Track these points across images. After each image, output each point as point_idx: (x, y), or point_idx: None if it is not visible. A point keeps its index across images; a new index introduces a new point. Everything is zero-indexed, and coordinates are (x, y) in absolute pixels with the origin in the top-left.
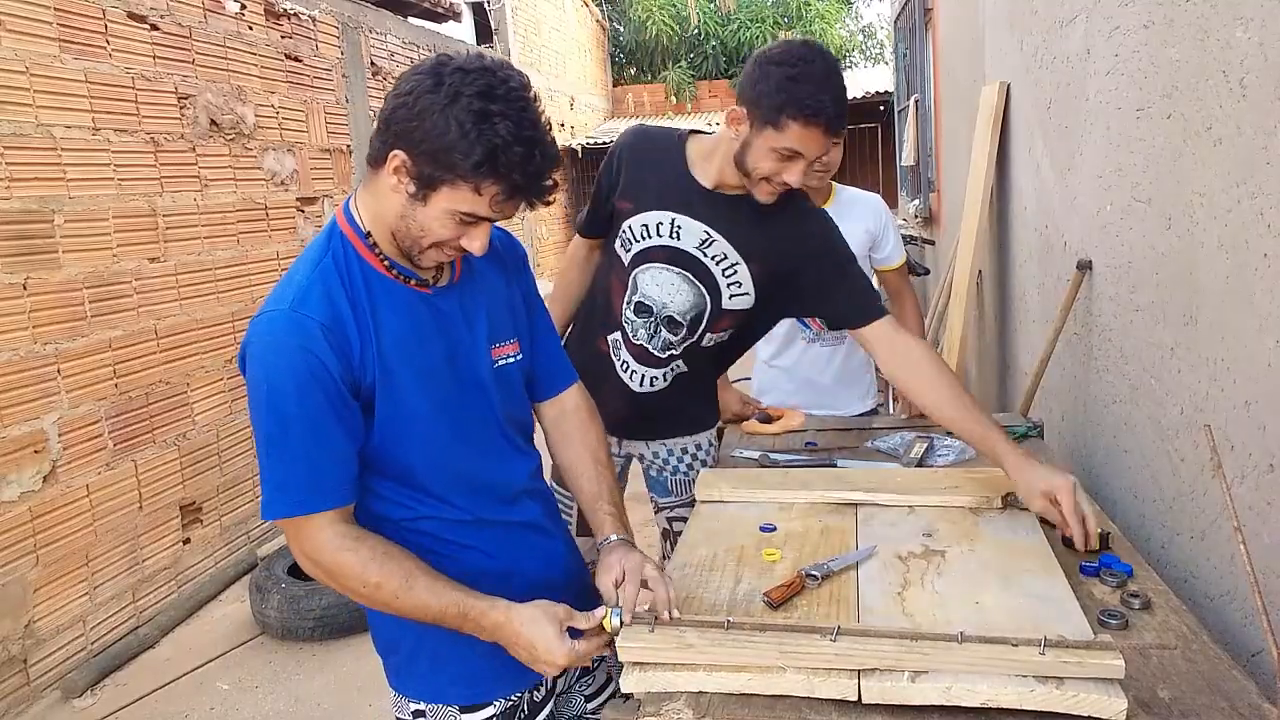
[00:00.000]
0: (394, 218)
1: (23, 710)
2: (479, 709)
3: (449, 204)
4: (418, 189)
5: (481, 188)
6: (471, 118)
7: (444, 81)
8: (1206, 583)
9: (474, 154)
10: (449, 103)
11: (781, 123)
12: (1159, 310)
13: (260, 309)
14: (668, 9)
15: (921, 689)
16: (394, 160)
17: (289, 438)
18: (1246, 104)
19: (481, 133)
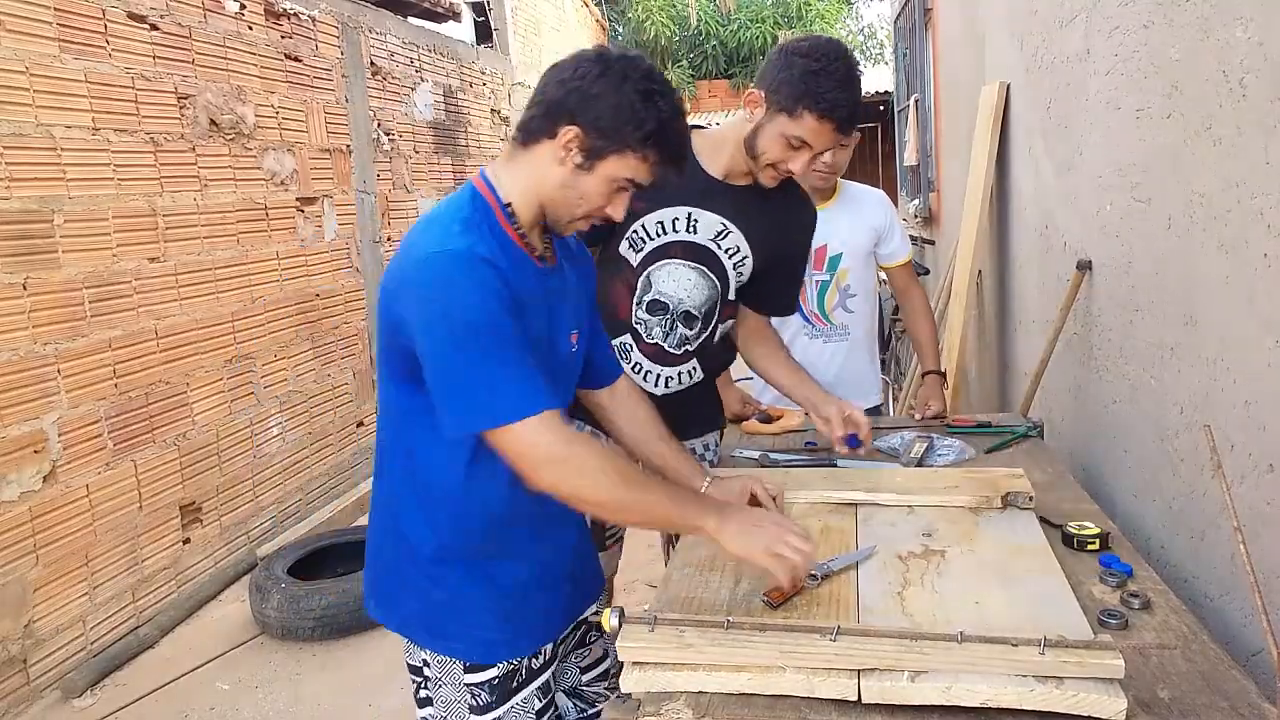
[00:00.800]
0: (552, 188)
1: (23, 710)
2: (483, 669)
3: (613, 171)
4: (585, 159)
5: (647, 154)
6: (640, 96)
7: (611, 66)
8: (1206, 583)
9: (646, 125)
10: (620, 82)
11: (798, 112)
12: (1159, 310)
13: (424, 245)
14: (667, 9)
15: (921, 689)
16: (566, 134)
17: (505, 349)
18: (1246, 104)
19: (649, 109)
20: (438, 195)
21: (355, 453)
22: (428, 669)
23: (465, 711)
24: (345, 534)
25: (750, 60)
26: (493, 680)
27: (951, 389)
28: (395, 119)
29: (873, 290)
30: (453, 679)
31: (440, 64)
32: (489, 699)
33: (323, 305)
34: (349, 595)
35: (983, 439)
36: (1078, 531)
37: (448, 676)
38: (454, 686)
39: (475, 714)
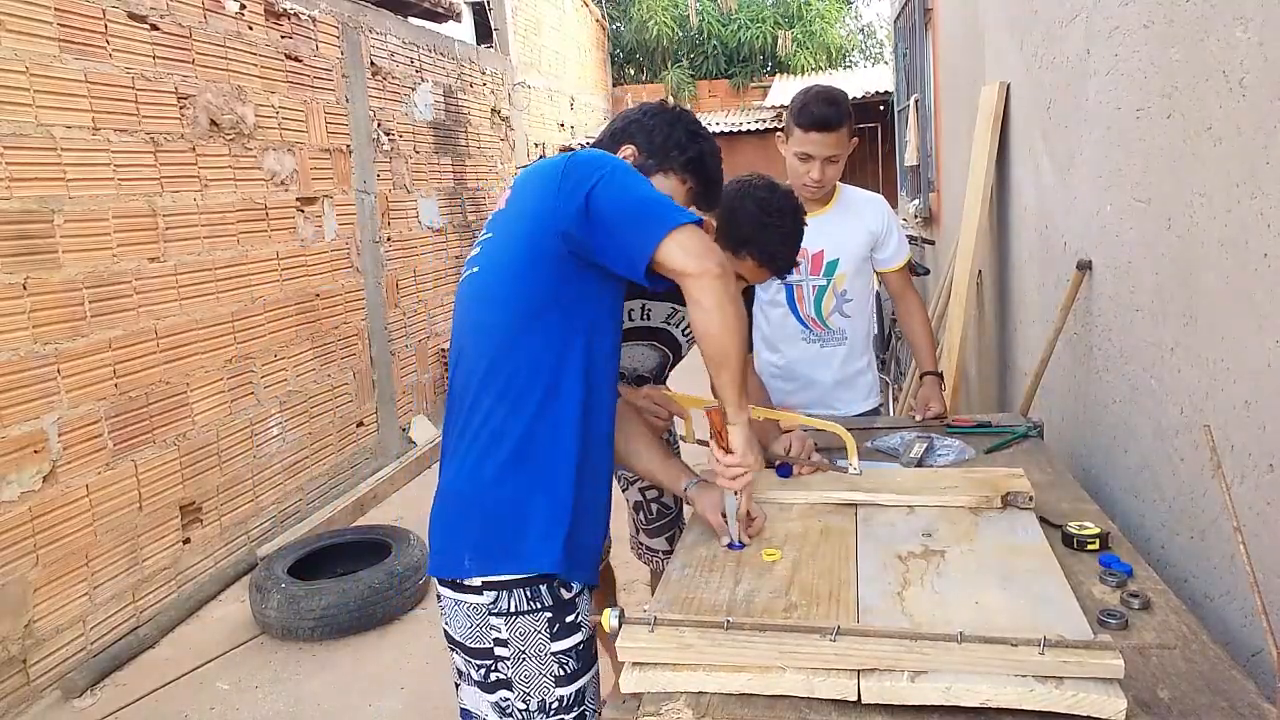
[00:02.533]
0: None
1: (23, 710)
2: (569, 635)
3: (658, 187)
4: (641, 172)
5: (686, 179)
6: (686, 133)
7: (666, 110)
8: (1206, 583)
9: (689, 152)
10: (674, 121)
11: (742, 254)
12: (1159, 310)
13: (557, 158)
14: (669, 9)
15: (921, 689)
16: (625, 151)
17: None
18: (1246, 104)
19: (693, 142)
20: (438, 195)
21: (355, 453)
22: (502, 648)
23: (551, 684)
24: (345, 534)
25: (750, 60)
26: (579, 646)
27: (951, 389)
28: (395, 119)
29: (870, 294)
30: (538, 651)
31: (440, 64)
32: (575, 666)
33: (323, 305)
34: (349, 595)
35: (983, 439)
36: (1078, 531)
37: (532, 648)
38: (539, 659)
39: (561, 685)
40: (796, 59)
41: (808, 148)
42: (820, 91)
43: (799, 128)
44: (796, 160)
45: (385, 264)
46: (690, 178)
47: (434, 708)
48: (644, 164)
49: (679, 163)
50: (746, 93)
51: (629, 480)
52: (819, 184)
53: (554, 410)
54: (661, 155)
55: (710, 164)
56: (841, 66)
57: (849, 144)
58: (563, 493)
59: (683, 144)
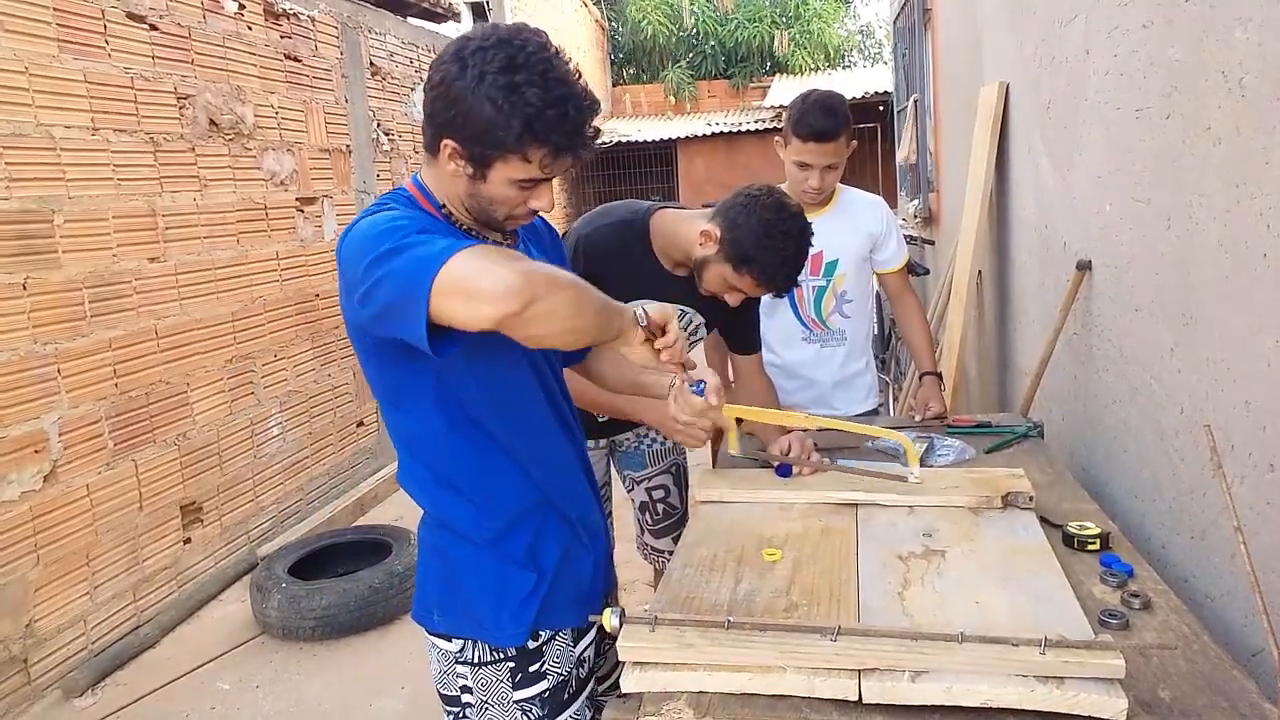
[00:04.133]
0: (464, 196)
1: (23, 710)
2: (533, 684)
3: (505, 174)
4: (474, 169)
5: (529, 154)
6: (501, 93)
7: (468, 65)
8: (1206, 583)
9: (513, 126)
10: (476, 84)
11: (742, 271)
12: (1159, 310)
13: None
14: (663, 9)
15: (921, 689)
16: (445, 149)
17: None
18: (1246, 104)
19: (514, 105)
20: None
21: (355, 453)
22: (468, 695)
23: None
24: (345, 534)
25: (749, 60)
26: (543, 693)
27: (951, 389)
28: (395, 119)
29: (869, 295)
30: (501, 700)
31: None
32: (540, 713)
33: (323, 305)
34: (349, 595)
35: (983, 439)
36: (1078, 531)
37: (495, 697)
38: (503, 708)
39: None
40: (795, 59)
41: (806, 157)
42: (818, 100)
43: (797, 138)
44: (795, 168)
45: None
46: (534, 149)
47: (434, 708)
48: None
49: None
50: (746, 93)
51: (635, 480)
52: (818, 191)
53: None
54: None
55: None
56: (840, 66)
57: (847, 149)
58: (543, 566)
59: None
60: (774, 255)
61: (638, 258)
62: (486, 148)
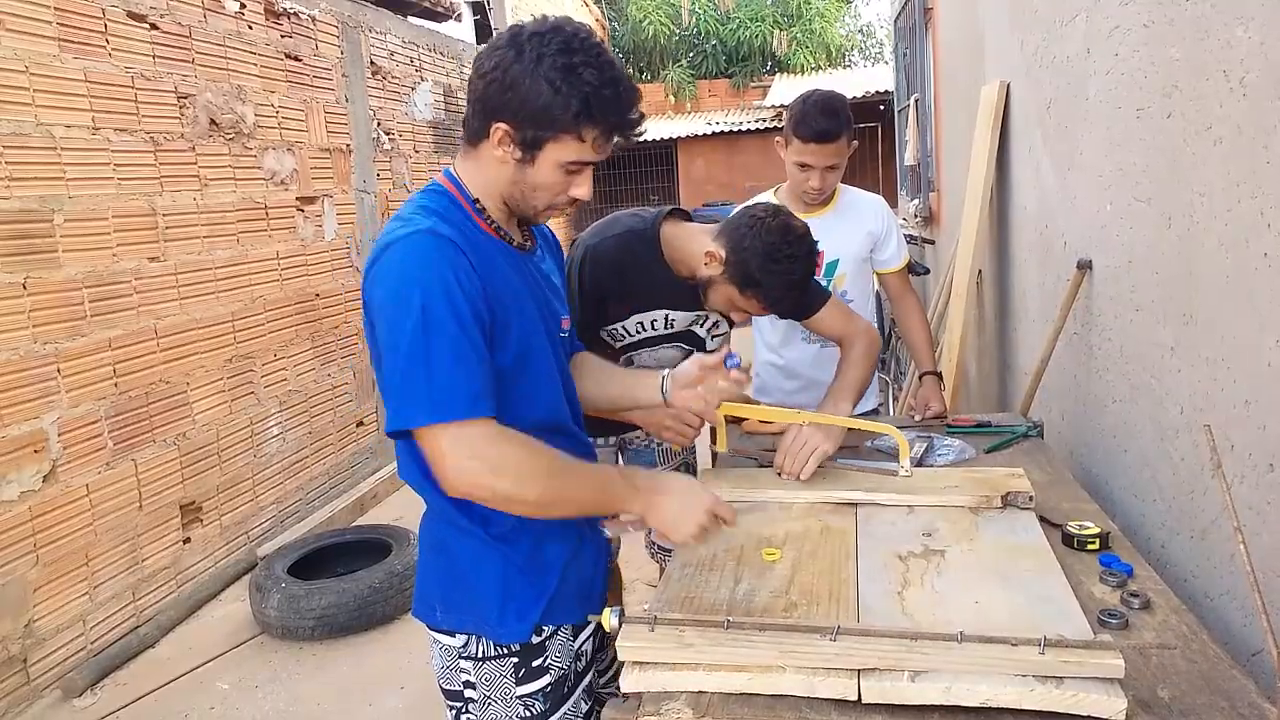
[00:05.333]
0: (505, 184)
1: (23, 709)
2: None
3: (556, 157)
4: (524, 153)
5: (583, 133)
6: (559, 74)
7: (524, 49)
8: (1206, 582)
9: (571, 105)
10: (535, 66)
11: (747, 294)
12: (1159, 310)
13: (386, 236)
14: (664, 8)
15: (921, 689)
16: (497, 133)
17: (444, 349)
18: (1246, 103)
19: (572, 85)
20: None
21: (355, 453)
22: (471, 690)
23: None
24: (345, 534)
25: (749, 59)
26: (545, 688)
27: (951, 389)
28: (395, 118)
29: (870, 294)
30: (504, 695)
31: (440, 63)
32: (543, 708)
33: (323, 305)
34: (349, 595)
35: (983, 439)
36: (1078, 531)
37: (498, 692)
38: (505, 702)
39: None
40: (796, 58)
41: (807, 158)
42: (819, 100)
43: (798, 139)
44: (796, 168)
45: None
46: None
47: (434, 707)
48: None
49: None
50: (746, 92)
51: None
52: (819, 191)
53: None
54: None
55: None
56: (841, 66)
57: (848, 150)
58: (548, 564)
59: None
60: (780, 278)
61: (648, 266)
62: (541, 128)
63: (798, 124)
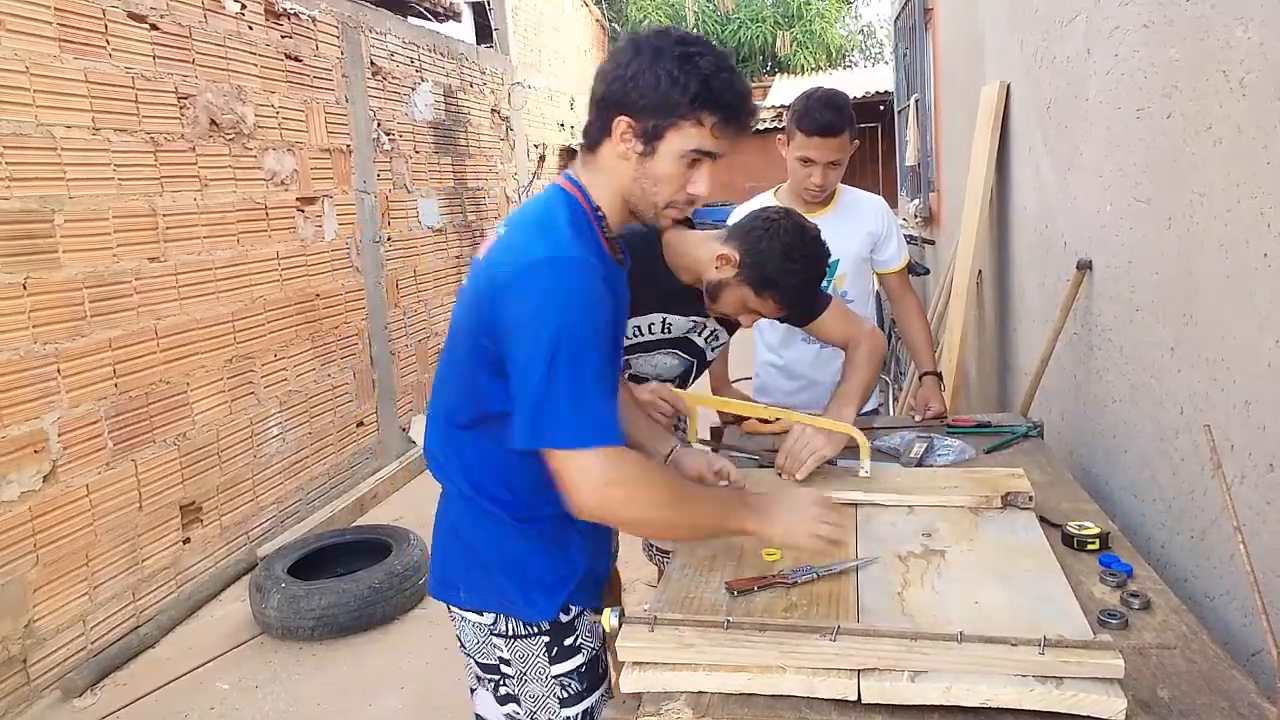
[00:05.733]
0: (627, 183)
1: (23, 710)
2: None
3: (677, 145)
4: (645, 144)
5: (702, 118)
6: (677, 62)
7: (642, 46)
8: (1206, 582)
9: (690, 88)
10: (654, 59)
11: (762, 295)
12: (1159, 310)
13: (528, 250)
14: (664, 8)
15: (921, 689)
16: (619, 126)
17: (590, 376)
18: (1246, 104)
19: (689, 71)
20: (438, 195)
21: (355, 453)
22: (507, 666)
23: (556, 705)
24: (345, 534)
25: (750, 60)
26: (580, 667)
27: (951, 389)
28: (395, 119)
29: (870, 295)
30: (539, 674)
31: (440, 64)
32: (579, 687)
33: (323, 305)
34: (348, 595)
35: (983, 439)
36: (1078, 531)
37: (532, 670)
38: (541, 681)
39: (566, 706)
40: (796, 58)
41: (809, 152)
42: (823, 96)
43: (801, 132)
44: (798, 164)
45: (385, 264)
46: (706, 113)
47: (434, 708)
48: (647, 129)
49: (685, 106)
50: None
51: None
52: (820, 188)
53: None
54: (660, 109)
55: (722, 83)
56: (841, 66)
57: (850, 147)
58: (570, 547)
59: (678, 81)
60: (797, 278)
61: (649, 267)
62: (662, 116)
63: (801, 118)
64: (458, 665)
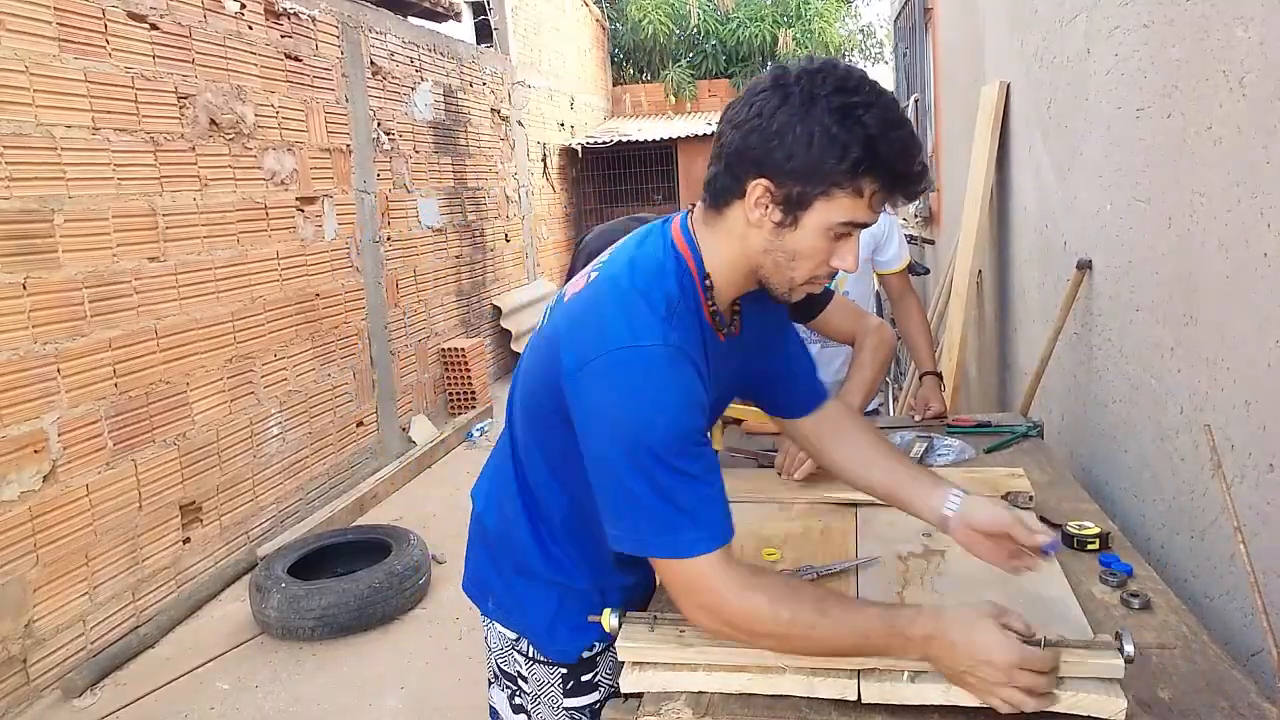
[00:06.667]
0: (756, 254)
1: (23, 710)
2: (584, 694)
3: (825, 218)
4: (785, 213)
5: (863, 187)
6: (835, 116)
7: (791, 91)
8: (1206, 583)
9: (851, 152)
10: (806, 109)
11: None
12: (1159, 310)
13: (609, 332)
14: (664, 8)
15: (921, 689)
16: (755, 190)
17: (695, 471)
18: (1246, 103)
19: (851, 129)
20: (438, 195)
21: (355, 452)
22: (523, 682)
23: None
24: (345, 534)
25: (749, 59)
26: (594, 705)
27: (951, 389)
28: (395, 118)
29: (870, 295)
30: (551, 700)
31: (440, 64)
32: None
33: (323, 305)
34: (348, 595)
35: (983, 439)
36: (1078, 531)
37: (546, 696)
38: (552, 709)
39: None
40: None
41: None
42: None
43: None
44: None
45: (385, 264)
46: (867, 181)
47: (434, 708)
48: (790, 196)
49: (843, 173)
50: None
51: None
52: None
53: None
54: (811, 174)
55: (890, 145)
56: None
57: None
58: (608, 591)
59: (838, 140)
60: None
61: None
62: (812, 183)
63: None
64: (458, 665)
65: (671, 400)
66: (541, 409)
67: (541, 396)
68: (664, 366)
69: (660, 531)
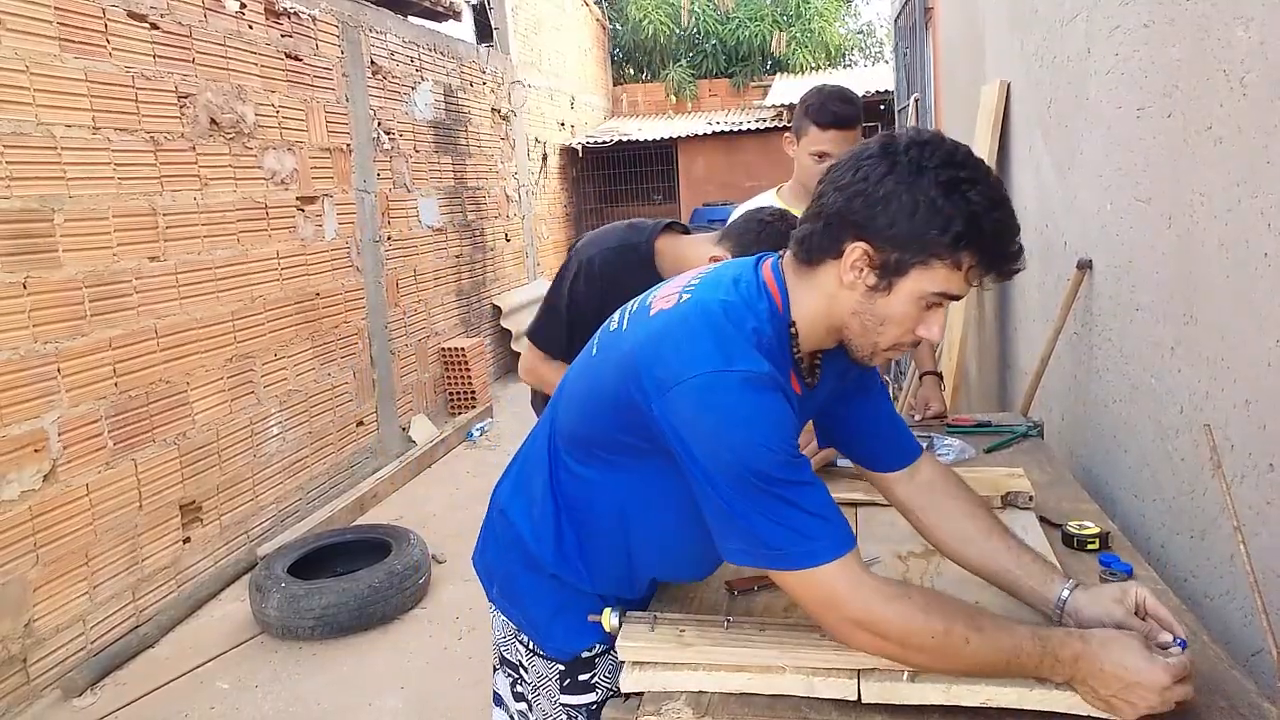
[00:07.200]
0: (844, 315)
1: (23, 709)
2: (582, 693)
3: (919, 286)
4: (880, 278)
5: (961, 260)
6: (942, 189)
7: (899, 160)
8: (1206, 582)
9: (954, 225)
10: (913, 179)
11: None
12: (1159, 310)
13: (699, 356)
14: (663, 8)
15: (921, 689)
16: (853, 253)
17: (796, 488)
18: (1247, 103)
19: (956, 203)
20: (438, 194)
21: (355, 452)
22: (524, 672)
23: None
24: (345, 534)
25: (749, 59)
26: (590, 705)
27: (951, 389)
28: (395, 118)
29: None
30: (550, 694)
31: (441, 63)
32: None
33: (323, 305)
34: (348, 595)
35: (983, 439)
36: (1078, 531)
37: (545, 690)
38: (550, 702)
39: None
40: (796, 58)
41: (824, 146)
42: (835, 90)
43: (817, 126)
44: (811, 159)
45: (385, 263)
46: (967, 255)
47: (434, 708)
48: (888, 262)
49: (944, 245)
50: (747, 92)
51: None
52: None
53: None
54: (911, 243)
55: (992, 223)
56: (841, 65)
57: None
58: (611, 598)
59: (942, 212)
60: None
61: (640, 282)
62: (911, 251)
63: (818, 111)
64: (458, 665)
65: (767, 419)
66: (603, 419)
67: (607, 407)
68: (759, 390)
69: (785, 543)
